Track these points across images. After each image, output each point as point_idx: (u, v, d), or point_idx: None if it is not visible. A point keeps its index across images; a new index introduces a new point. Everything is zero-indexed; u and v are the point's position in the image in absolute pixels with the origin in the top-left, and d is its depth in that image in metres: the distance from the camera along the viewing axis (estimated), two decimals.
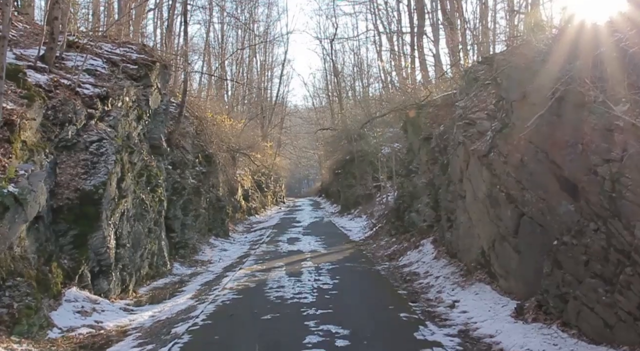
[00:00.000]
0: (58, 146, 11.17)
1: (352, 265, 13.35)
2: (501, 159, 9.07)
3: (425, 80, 21.41)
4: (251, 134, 33.53)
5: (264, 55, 45.41)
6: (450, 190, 11.96)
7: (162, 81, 16.15)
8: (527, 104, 8.19)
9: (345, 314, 8.34)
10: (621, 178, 5.96)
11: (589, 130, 6.57)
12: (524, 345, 6.44)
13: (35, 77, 11.63)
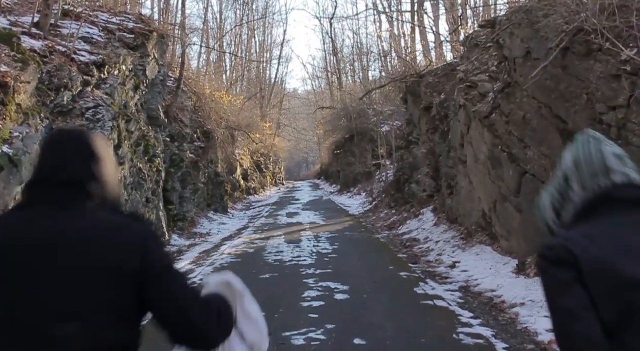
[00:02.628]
0: (54, 111, 11.01)
1: (352, 234, 13.28)
2: (503, 119, 8.93)
3: (426, 50, 21.18)
4: (250, 114, 33.30)
5: (263, 35, 45.07)
6: (451, 156, 11.84)
7: (159, 51, 15.94)
8: (531, 60, 8.02)
9: (345, 273, 8.26)
10: (627, 124, 5.83)
11: (594, 79, 6.41)
12: (526, 297, 6.35)
13: (30, 43, 11.42)
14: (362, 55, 37.27)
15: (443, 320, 5.80)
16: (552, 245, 1.53)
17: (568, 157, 1.73)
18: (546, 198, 1.78)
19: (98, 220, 1.50)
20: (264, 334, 1.76)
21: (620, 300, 1.39)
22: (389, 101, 24.59)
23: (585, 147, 1.68)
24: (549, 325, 5.22)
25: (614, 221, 1.52)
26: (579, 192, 1.61)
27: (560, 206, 1.68)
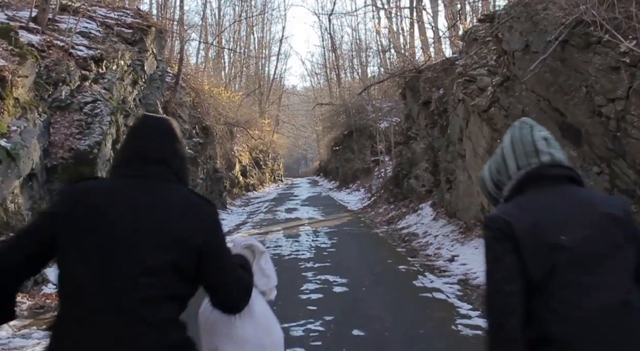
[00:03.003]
0: (52, 106, 10.99)
1: (350, 228, 13.28)
2: (502, 113, 8.93)
3: (424, 45, 21.13)
4: (248, 111, 33.29)
5: (261, 31, 45.00)
6: (449, 150, 11.83)
7: (157, 47, 15.91)
8: (530, 53, 8.01)
9: (343, 267, 8.27)
10: (626, 116, 5.82)
11: (593, 71, 6.40)
12: None
13: (28, 37, 11.40)
14: (361, 52, 37.26)
15: (442, 311, 5.80)
16: (494, 216, 1.84)
17: (506, 140, 2.01)
18: (486, 173, 2.07)
19: (179, 195, 1.82)
20: (273, 286, 2.21)
21: (546, 260, 1.72)
22: (387, 97, 24.56)
23: (519, 131, 1.98)
24: None
25: (542, 194, 1.84)
26: (514, 170, 1.92)
27: (499, 181, 1.98)
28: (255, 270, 2.14)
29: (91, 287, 1.65)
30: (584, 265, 1.76)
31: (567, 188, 1.88)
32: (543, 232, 1.75)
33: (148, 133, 1.90)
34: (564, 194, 1.85)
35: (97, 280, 1.66)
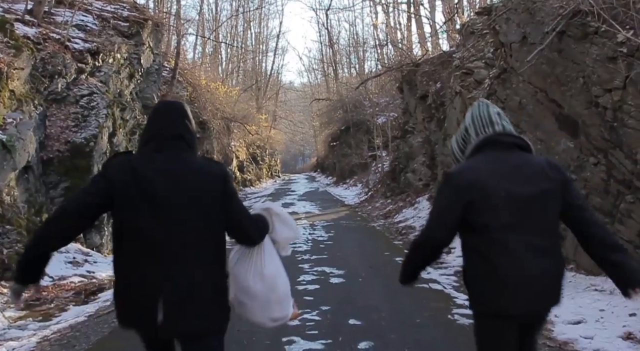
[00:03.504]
0: (47, 98, 10.96)
1: (347, 222, 13.27)
2: (499, 105, 8.86)
3: (422, 39, 21.10)
4: (245, 106, 33.21)
5: (258, 27, 44.88)
6: (446, 144, 11.82)
7: (154, 40, 15.86)
8: (527, 45, 7.99)
9: (340, 259, 8.26)
10: (623, 106, 5.81)
11: (590, 62, 6.39)
12: None
13: (24, 29, 11.35)
14: (358, 47, 37.19)
15: (438, 302, 5.80)
16: (454, 171, 2.47)
17: (468, 115, 2.59)
18: (454, 143, 2.69)
19: (194, 161, 2.43)
20: (297, 232, 2.91)
21: (486, 213, 2.32)
22: (384, 92, 24.53)
23: (478, 108, 2.58)
24: None
25: (494, 155, 2.43)
26: (474, 137, 2.51)
27: (464, 146, 2.59)
28: (276, 224, 2.76)
29: (145, 232, 2.27)
30: (517, 213, 2.32)
31: (513, 153, 2.45)
32: (490, 187, 2.34)
33: (166, 116, 2.49)
34: (509, 157, 2.44)
35: (149, 227, 2.27)
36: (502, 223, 2.31)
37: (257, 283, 2.58)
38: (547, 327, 4.84)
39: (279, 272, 2.69)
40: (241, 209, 2.52)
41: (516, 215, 2.32)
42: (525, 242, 2.31)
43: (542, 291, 2.36)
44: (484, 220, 2.32)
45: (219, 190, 2.39)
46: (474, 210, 2.33)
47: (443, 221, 2.39)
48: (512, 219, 2.31)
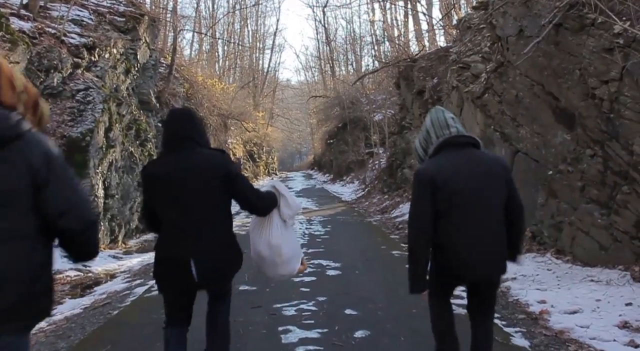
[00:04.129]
0: (43, 93, 10.90)
1: (344, 217, 13.26)
2: (496, 99, 8.91)
3: (418, 35, 21.08)
4: (242, 103, 33.14)
5: (255, 24, 44.81)
6: None
7: (150, 36, 15.80)
8: (523, 38, 7.98)
9: (337, 252, 8.24)
10: (620, 97, 5.81)
11: (587, 54, 6.39)
12: (517, 272, 6.35)
13: (19, 24, 11.29)
14: (355, 44, 37.15)
15: None
16: (421, 170, 3.05)
17: (428, 120, 3.21)
18: (418, 143, 3.27)
19: (204, 154, 3.12)
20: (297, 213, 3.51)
21: (451, 199, 2.92)
22: (381, 88, 24.49)
23: (436, 114, 3.20)
24: (540, 297, 5.23)
25: (451, 155, 3.01)
26: (435, 139, 3.10)
27: (426, 146, 3.16)
28: (281, 203, 3.36)
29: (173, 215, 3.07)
30: (472, 203, 2.96)
31: (468, 151, 3.05)
32: (450, 181, 2.93)
33: (175, 122, 3.23)
34: (465, 154, 3.03)
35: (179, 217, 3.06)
36: (462, 208, 2.96)
37: (265, 249, 3.33)
38: (543, 317, 4.84)
39: (284, 241, 3.35)
40: (246, 187, 3.20)
41: (472, 202, 2.96)
42: (479, 223, 2.97)
43: (492, 261, 3.01)
44: (446, 204, 2.94)
45: (222, 173, 3.08)
46: (438, 196, 2.93)
47: (423, 209, 2.97)
48: (469, 205, 2.96)
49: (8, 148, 1.97)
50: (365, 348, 4.08)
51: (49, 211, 2.04)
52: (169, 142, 3.15)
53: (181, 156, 3.07)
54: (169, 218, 3.08)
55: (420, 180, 3.00)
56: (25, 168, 1.98)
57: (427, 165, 3.07)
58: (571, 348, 4.07)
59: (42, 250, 2.03)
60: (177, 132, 3.12)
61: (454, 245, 2.95)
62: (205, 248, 3.02)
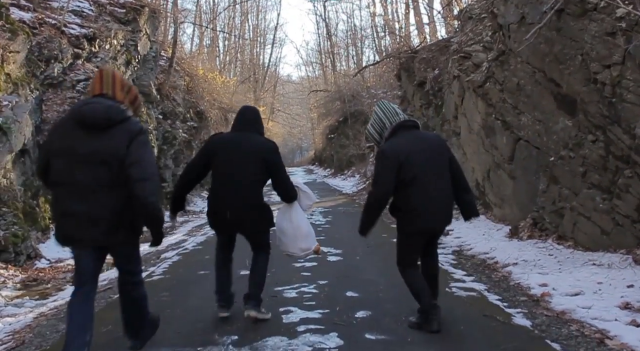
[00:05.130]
0: (44, 83, 10.89)
1: (345, 209, 13.25)
2: (497, 87, 8.89)
3: (419, 26, 21.01)
4: (243, 97, 33.11)
5: (256, 19, 44.72)
6: (444, 129, 11.80)
7: (151, 27, 15.77)
8: (525, 25, 7.96)
9: (337, 240, 8.24)
10: (622, 81, 5.79)
11: (589, 39, 6.36)
12: (519, 257, 6.34)
13: (19, 14, 11.27)
14: (356, 39, 37.08)
15: None
16: (386, 148, 3.90)
17: (379, 111, 4.14)
18: (371, 130, 4.19)
19: (257, 139, 4.31)
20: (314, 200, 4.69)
21: (411, 171, 3.83)
22: (382, 81, 24.45)
23: (384, 105, 4.18)
24: (541, 280, 5.22)
25: (406, 135, 3.94)
26: (388, 125, 4.02)
27: (381, 131, 4.08)
28: (301, 196, 4.51)
29: (226, 178, 4.19)
30: (429, 172, 3.92)
31: (415, 132, 4.08)
32: (411, 156, 3.86)
33: (243, 114, 4.48)
34: (415, 134, 4.05)
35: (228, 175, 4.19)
36: (423, 177, 3.88)
37: (287, 224, 4.42)
38: (544, 299, 4.83)
39: (303, 220, 4.49)
40: (284, 175, 4.37)
41: (430, 171, 3.93)
42: (436, 188, 3.95)
43: (442, 216, 4.04)
44: (410, 175, 3.87)
45: (265, 156, 4.24)
46: (403, 169, 3.86)
47: (388, 179, 3.89)
48: (428, 174, 3.91)
49: (116, 127, 3.22)
50: (366, 327, 4.07)
51: (127, 162, 3.15)
52: (237, 124, 4.42)
53: (242, 135, 4.30)
54: (218, 178, 4.27)
55: (387, 155, 3.90)
56: (125, 140, 3.18)
57: (390, 144, 3.97)
58: (573, 327, 4.06)
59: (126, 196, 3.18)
60: (243, 119, 4.41)
61: (422, 206, 3.90)
62: (238, 204, 4.15)
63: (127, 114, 3.30)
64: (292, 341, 3.76)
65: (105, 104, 3.24)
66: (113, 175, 3.13)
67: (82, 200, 3.12)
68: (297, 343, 3.73)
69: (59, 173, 3.17)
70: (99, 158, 3.12)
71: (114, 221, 3.16)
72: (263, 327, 4.12)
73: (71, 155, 3.13)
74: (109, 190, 3.14)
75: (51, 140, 3.33)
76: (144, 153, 3.21)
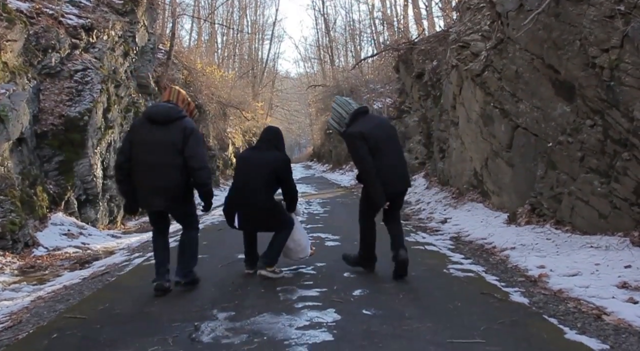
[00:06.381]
0: (41, 73, 10.87)
1: (342, 200, 13.24)
2: (495, 76, 8.88)
3: (417, 18, 20.98)
4: (242, 92, 33.03)
5: (254, 14, 44.62)
6: (442, 119, 11.79)
7: (149, 19, 15.74)
8: (524, 12, 7.94)
9: (335, 227, 8.23)
10: (620, 65, 5.78)
11: (587, 23, 6.35)
12: (517, 242, 6.35)
13: (16, 4, 11.22)
14: (355, 34, 37.02)
15: (434, 259, 5.79)
16: (352, 131, 4.88)
17: (336, 106, 5.19)
18: (332, 121, 5.23)
19: (272, 154, 5.18)
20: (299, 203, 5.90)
21: (375, 145, 4.81)
22: (380, 74, 24.40)
23: (339, 99, 5.26)
24: (539, 263, 5.21)
25: (363, 119, 5.00)
26: (345, 114, 5.08)
27: (340, 121, 5.11)
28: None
29: (242, 182, 5.12)
30: (387, 146, 4.89)
31: (369, 115, 5.13)
32: (373, 134, 4.80)
33: (266, 131, 5.48)
34: (370, 117, 5.08)
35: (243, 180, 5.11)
36: (383, 150, 4.85)
37: (291, 244, 5.32)
38: (542, 279, 4.84)
39: (301, 235, 5.49)
40: (292, 184, 5.26)
41: (388, 145, 4.90)
42: (394, 158, 4.94)
43: (402, 179, 5.03)
44: (374, 148, 4.78)
45: (277, 166, 5.08)
46: (369, 143, 4.77)
47: (366, 152, 4.76)
48: (387, 147, 4.87)
49: (175, 122, 4.45)
50: (363, 303, 4.07)
51: (185, 155, 4.42)
52: (258, 142, 5.40)
53: (258, 152, 5.22)
54: (237, 182, 5.19)
55: (355, 136, 4.80)
56: (181, 132, 4.42)
57: (353, 128, 4.89)
58: (570, 304, 4.06)
59: (185, 174, 4.51)
60: (264, 137, 5.36)
61: (383, 173, 4.75)
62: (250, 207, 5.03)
63: (183, 114, 4.57)
64: (289, 317, 3.76)
65: (167, 106, 4.57)
66: (171, 159, 4.40)
67: (150, 176, 4.40)
68: (294, 318, 3.73)
69: (136, 156, 4.45)
70: (161, 146, 4.38)
71: (171, 192, 4.47)
72: (260, 304, 4.11)
73: (143, 143, 4.43)
74: (170, 169, 4.40)
75: (132, 132, 4.65)
76: (198, 148, 4.50)
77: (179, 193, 4.52)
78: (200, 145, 4.55)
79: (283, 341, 3.25)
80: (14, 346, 3.54)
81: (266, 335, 3.37)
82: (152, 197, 4.49)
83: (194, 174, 4.48)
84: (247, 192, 4.99)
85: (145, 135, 4.46)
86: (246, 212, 5.03)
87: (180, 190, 4.51)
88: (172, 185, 4.44)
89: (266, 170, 4.99)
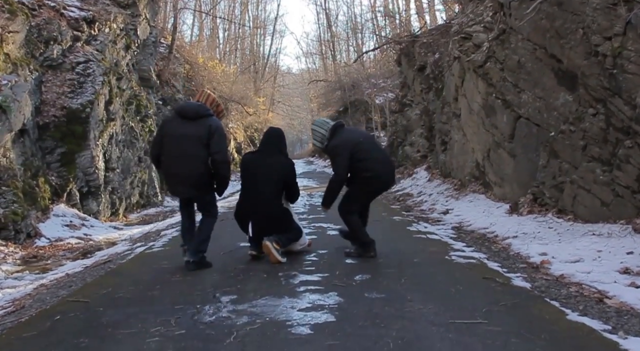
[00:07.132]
0: (43, 64, 10.87)
1: (342, 192, 13.19)
2: (497, 66, 8.85)
3: (420, 10, 20.93)
4: (243, 87, 33.01)
5: (256, 10, 44.56)
6: (444, 111, 11.77)
7: (150, 12, 15.72)
8: (526, 2, 7.90)
9: (337, 218, 8.03)
10: (623, 52, 5.76)
11: (590, 11, 6.33)
12: (519, 231, 6.35)
13: None
14: (356, 28, 36.95)
15: (435, 247, 5.79)
16: (338, 143, 5.42)
17: (314, 126, 5.78)
18: (317, 141, 5.73)
19: (278, 158, 5.50)
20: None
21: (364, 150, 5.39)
22: (382, 69, 24.37)
23: (318, 121, 5.86)
24: (541, 250, 5.21)
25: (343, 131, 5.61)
26: (324, 131, 5.62)
27: (322, 139, 5.62)
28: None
29: (251, 190, 5.43)
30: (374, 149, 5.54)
31: (347, 128, 5.83)
32: (359, 143, 5.37)
33: (269, 134, 5.74)
34: (350, 129, 5.92)
35: (252, 188, 5.42)
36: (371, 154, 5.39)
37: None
38: (544, 266, 4.84)
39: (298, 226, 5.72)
40: (297, 187, 5.65)
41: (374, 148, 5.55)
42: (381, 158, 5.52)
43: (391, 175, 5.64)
44: (364, 153, 5.32)
45: (284, 174, 5.40)
46: (357, 151, 5.27)
47: (345, 165, 5.30)
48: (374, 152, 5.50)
49: (202, 119, 4.94)
50: (365, 287, 4.07)
51: (210, 149, 4.89)
52: (261, 145, 5.64)
53: (263, 156, 5.45)
54: (246, 189, 5.48)
55: (342, 148, 5.30)
56: (207, 128, 4.89)
57: (338, 140, 5.41)
58: (572, 289, 4.06)
59: (207, 166, 4.97)
60: (267, 140, 5.61)
61: (374, 172, 5.31)
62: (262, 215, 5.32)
63: (210, 112, 5.07)
64: (291, 299, 3.76)
65: (197, 104, 5.14)
66: (196, 151, 4.87)
67: (178, 165, 4.89)
68: (296, 300, 3.73)
69: (166, 147, 4.96)
70: (189, 138, 4.86)
71: (194, 180, 4.92)
72: (262, 288, 4.12)
73: (173, 136, 4.93)
74: (194, 159, 4.87)
75: (163, 125, 5.22)
76: (222, 144, 5.01)
77: (202, 182, 4.97)
78: (224, 141, 5.03)
79: (285, 322, 3.26)
80: (17, 327, 3.56)
81: (268, 316, 3.38)
82: (178, 185, 5.02)
83: (217, 166, 4.95)
84: (257, 201, 5.34)
85: (175, 128, 4.95)
86: (259, 220, 5.32)
87: (203, 179, 4.96)
88: (195, 173, 4.88)
89: (275, 178, 5.34)
